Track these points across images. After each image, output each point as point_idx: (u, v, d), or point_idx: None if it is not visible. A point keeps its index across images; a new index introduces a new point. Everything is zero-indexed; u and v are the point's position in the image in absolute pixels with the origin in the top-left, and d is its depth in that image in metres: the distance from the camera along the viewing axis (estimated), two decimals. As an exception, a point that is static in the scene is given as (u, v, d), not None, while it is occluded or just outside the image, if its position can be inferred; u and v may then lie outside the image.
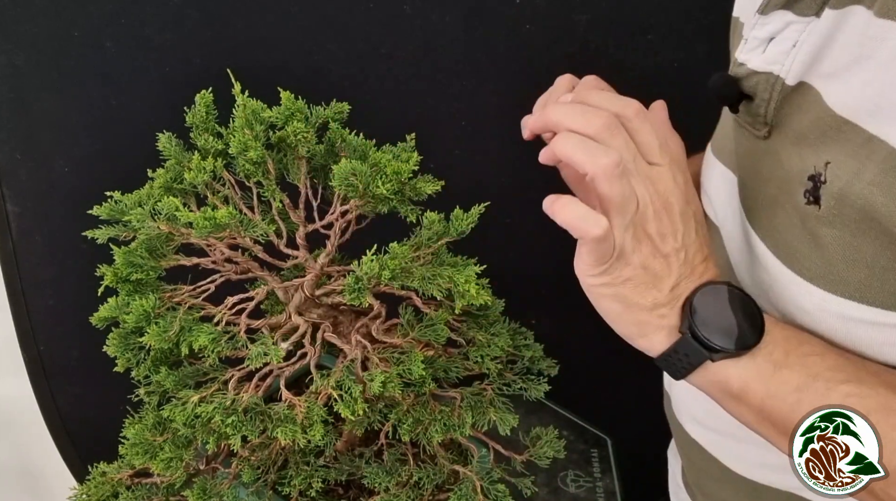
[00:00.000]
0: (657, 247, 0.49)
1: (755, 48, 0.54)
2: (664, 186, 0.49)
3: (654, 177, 0.49)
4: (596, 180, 0.47)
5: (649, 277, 0.49)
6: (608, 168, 0.46)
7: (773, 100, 0.52)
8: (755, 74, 0.54)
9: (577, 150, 0.48)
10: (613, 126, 0.48)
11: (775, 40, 0.52)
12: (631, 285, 0.49)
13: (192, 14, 0.99)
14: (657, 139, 0.50)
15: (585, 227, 0.47)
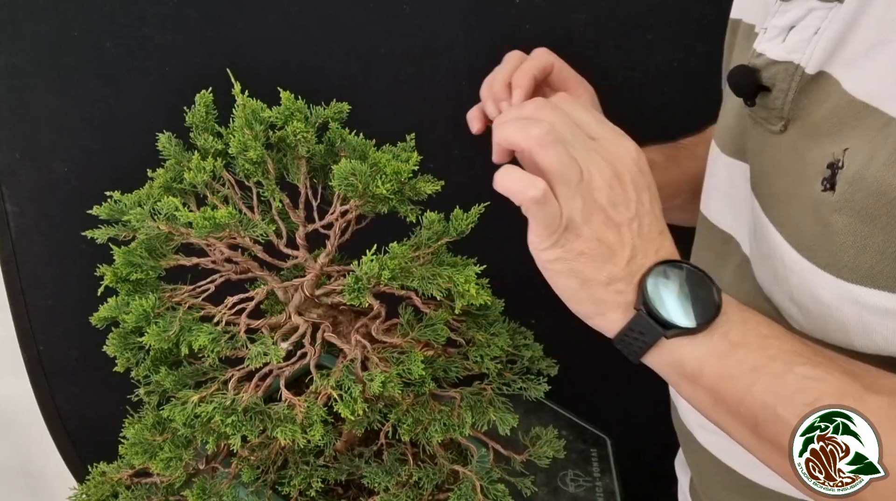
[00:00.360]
0: (609, 217, 0.48)
1: (775, 37, 0.54)
2: (611, 156, 0.49)
3: (597, 148, 0.49)
4: (531, 153, 0.47)
5: (603, 249, 0.48)
6: (540, 137, 0.47)
7: (791, 90, 0.52)
8: (774, 63, 0.53)
9: (510, 130, 0.49)
10: (544, 105, 0.50)
11: (796, 28, 0.52)
12: (585, 259, 0.48)
13: (192, 14, 0.99)
14: (592, 116, 0.50)
15: (522, 189, 0.47)
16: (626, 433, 1.04)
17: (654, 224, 0.50)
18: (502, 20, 1.00)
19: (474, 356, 0.67)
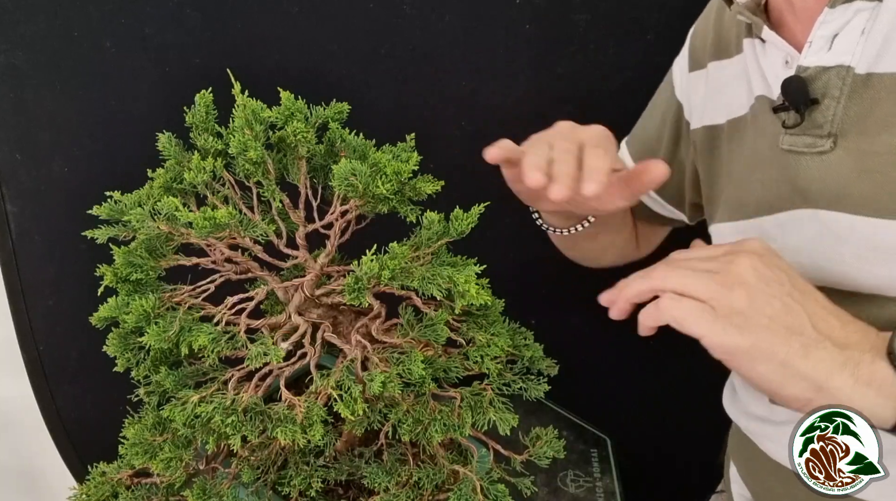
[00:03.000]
0: (767, 292, 0.49)
1: (821, 48, 0.55)
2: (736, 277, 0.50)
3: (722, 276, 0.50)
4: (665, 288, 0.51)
5: (780, 323, 0.49)
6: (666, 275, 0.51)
7: (843, 95, 0.54)
8: (825, 70, 0.55)
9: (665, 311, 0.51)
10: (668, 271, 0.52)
11: (841, 34, 0.54)
12: (771, 335, 0.48)
13: (192, 14, 0.99)
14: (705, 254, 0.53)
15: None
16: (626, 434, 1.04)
17: (818, 294, 0.51)
18: (502, 20, 1.00)
19: (474, 356, 0.67)
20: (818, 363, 0.48)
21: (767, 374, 0.48)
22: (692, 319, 0.49)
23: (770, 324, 0.48)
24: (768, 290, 0.49)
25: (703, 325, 0.48)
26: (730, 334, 0.48)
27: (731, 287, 0.49)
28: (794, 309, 0.49)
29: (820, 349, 0.48)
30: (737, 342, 0.48)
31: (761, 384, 0.49)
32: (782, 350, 0.48)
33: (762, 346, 0.48)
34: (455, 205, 0.65)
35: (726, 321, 0.48)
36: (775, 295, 0.49)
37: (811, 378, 0.48)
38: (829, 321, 0.49)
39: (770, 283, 0.49)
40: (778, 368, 0.48)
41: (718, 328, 0.48)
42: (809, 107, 0.56)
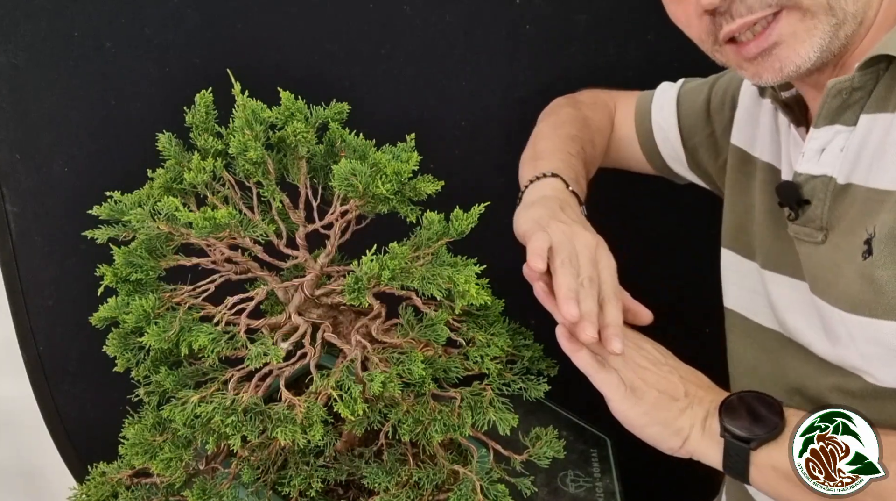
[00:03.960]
0: (656, 373, 0.66)
1: (811, 159, 0.67)
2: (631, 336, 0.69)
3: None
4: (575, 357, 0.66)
5: (664, 395, 0.65)
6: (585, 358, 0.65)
7: (827, 199, 0.65)
8: (813, 178, 0.67)
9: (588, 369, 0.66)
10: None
11: (826, 150, 0.65)
12: (657, 405, 0.64)
13: (192, 14, 0.99)
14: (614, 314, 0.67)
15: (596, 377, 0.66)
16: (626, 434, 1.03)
17: (686, 368, 0.69)
18: (502, 20, 1.00)
19: (474, 356, 0.67)
20: (685, 422, 0.64)
21: (653, 434, 0.65)
22: (610, 389, 0.65)
23: (657, 396, 0.65)
24: (655, 370, 0.66)
25: (616, 395, 0.64)
26: (631, 404, 0.64)
27: (632, 368, 0.66)
28: (673, 382, 0.66)
29: (688, 411, 0.65)
30: (635, 411, 0.64)
31: (647, 440, 0.66)
32: (663, 415, 0.64)
33: (652, 413, 0.64)
34: (455, 205, 0.65)
35: (631, 393, 0.64)
36: (660, 374, 0.66)
37: (681, 434, 0.64)
38: (692, 389, 0.66)
39: (657, 364, 0.67)
40: (661, 429, 0.64)
41: (624, 399, 0.64)
42: (802, 205, 0.68)
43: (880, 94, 0.61)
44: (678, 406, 0.65)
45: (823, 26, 0.60)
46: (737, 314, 0.83)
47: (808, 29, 0.60)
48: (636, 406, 0.64)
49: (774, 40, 0.61)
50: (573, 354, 0.64)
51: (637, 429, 0.65)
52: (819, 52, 0.61)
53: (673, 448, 0.65)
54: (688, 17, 0.67)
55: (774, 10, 0.60)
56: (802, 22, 0.60)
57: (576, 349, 0.64)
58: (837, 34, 0.61)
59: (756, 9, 0.60)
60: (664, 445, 0.65)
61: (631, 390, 0.64)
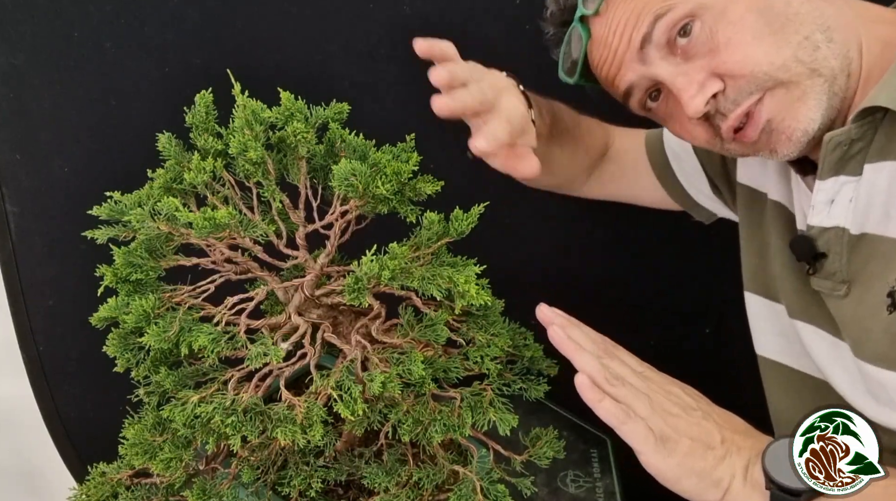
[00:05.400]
0: (688, 420, 0.59)
1: (822, 211, 0.65)
2: (659, 380, 0.63)
3: (648, 376, 0.62)
4: (606, 391, 0.61)
5: (699, 443, 0.58)
6: (610, 380, 0.61)
7: (843, 251, 0.64)
8: (825, 230, 0.65)
9: (585, 363, 0.62)
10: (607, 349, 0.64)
11: (835, 201, 0.64)
12: (691, 455, 0.58)
13: (192, 14, 0.99)
14: (632, 356, 0.64)
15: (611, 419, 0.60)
16: (626, 434, 1.04)
17: (721, 411, 0.62)
18: (502, 20, 1.00)
19: (474, 356, 0.67)
20: (724, 472, 0.58)
21: (689, 487, 0.58)
22: (638, 441, 0.59)
23: (691, 445, 0.58)
24: (686, 417, 0.60)
25: (645, 448, 0.59)
26: (663, 456, 0.58)
27: (661, 416, 0.59)
28: (707, 429, 0.59)
29: (726, 459, 0.58)
30: (668, 463, 0.58)
31: (683, 493, 0.59)
32: (699, 466, 0.58)
33: (686, 464, 0.58)
34: (455, 205, 0.65)
35: (661, 445, 0.58)
36: (693, 421, 0.60)
37: (720, 485, 0.58)
38: (729, 435, 0.60)
39: (688, 410, 0.60)
40: (697, 481, 0.58)
41: (655, 451, 0.58)
42: (820, 259, 0.66)
43: (881, 143, 0.61)
44: (715, 455, 0.58)
45: (815, 88, 0.60)
46: (771, 362, 0.80)
47: (800, 96, 0.60)
48: (669, 458, 0.58)
49: (766, 118, 0.61)
50: (596, 404, 0.60)
51: (671, 483, 0.59)
52: (821, 110, 0.60)
53: (712, 487, 0.59)
54: (688, 131, 0.68)
55: (759, 95, 0.61)
56: (789, 93, 0.60)
57: (598, 399, 0.60)
58: (833, 90, 0.61)
59: (742, 100, 0.61)
60: (703, 498, 0.59)
61: (661, 440, 0.58)
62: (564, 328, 0.63)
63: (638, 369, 0.63)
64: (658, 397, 0.61)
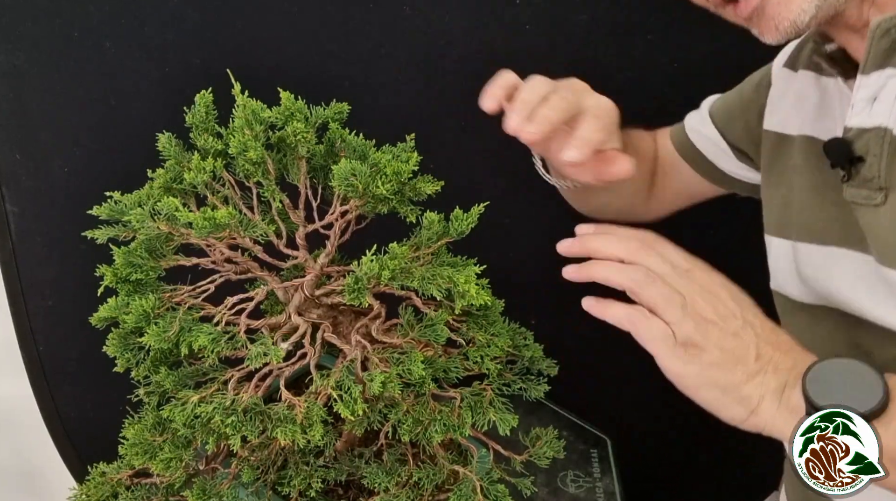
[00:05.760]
0: (723, 329, 0.54)
1: (862, 110, 0.60)
2: (704, 280, 0.56)
3: (692, 275, 0.56)
4: (635, 293, 0.55)
5: (728, 355, 0.54)
6: (640, 280, 0.55)
7: (884, 154, 0.58)
8: (865, 132, 0.59)
9: (611, 273, 0.57)
10: (639, 248, 0.57)
11: (878, 99, 0.58)
12: (717, 368, 0.53)
13: (192, 14, 0.99)
14: (679, 251, 0.58)
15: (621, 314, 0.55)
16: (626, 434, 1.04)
17: (766, 325, 0.56)
18: (502, 20, 1.00)
19: (474, 356, 0.67)
20: (754, 390, 0.53)
21: (710, 399, 0.54)
22: (655, 343, 0.54)
23: (720, 356, 0.54)
24: (723, 325, 0.54)
25: (662, 350, 0.54)
26: (683, 362, 0.54)
27: (693, 320, 0.54)
28: (743, 341, 0.54)
29: (758, 377, 0.53)
30: (688, 370, 0.54)
31: (703, 404, 0.55)
32: (724, 379, 0.53)
33: (708, 374, 0.53)
34: (455, 205, 0.65)
35: (682, 350, 0.54)
36: (728, 330, 0.54)
37: (746, 403, 0.53)
38: (768, 351, 0.55)
39: (726, 318, 0.55)
40: (719, 394, 0.54)
41: (674, 355, 0.54)
42: (856, 163, 0.60)
43: None
44: (746, 371, 0.53)
45: None
46: (785, 298, 0.76)
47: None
48: (689, 364, 0.53)
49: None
50: (605, 311, 0.56)
51: (690, 390, 0.54)
52: (815, 2, 0.56)
53: (736, 419, 0.54)
54: None
55: None
56: None
57: (605, 306, 0.56)
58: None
59: None
60: (725, 413, 0.54)
61: (683, 345, 0.54)
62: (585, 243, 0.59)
63: (684, 266, 0.57)
64: (696, 299, 0.55)
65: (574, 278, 0.59)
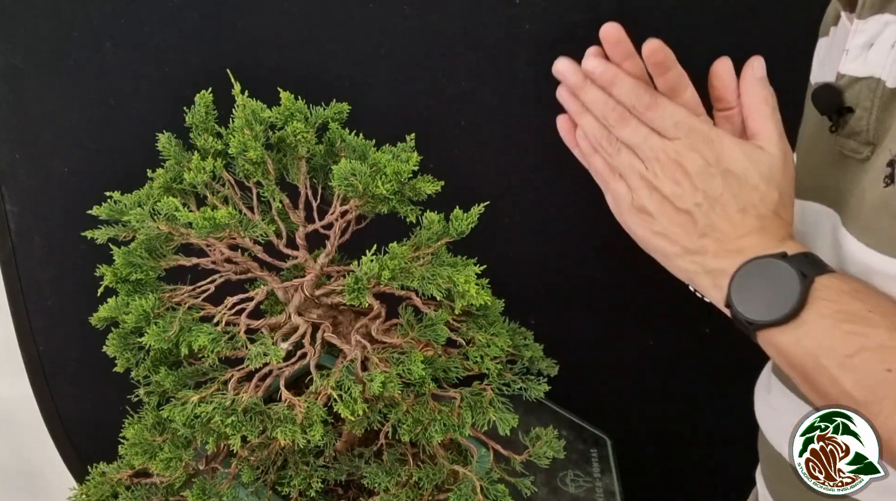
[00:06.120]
0: (675, 205, 0.56)
1: (857, 57, 0.57)
2: (676, 155, 0.56)
3: (666, 149, 0.56)
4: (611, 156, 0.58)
5: (673, 230, 0.56)
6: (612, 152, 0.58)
7: (874, 107, 0.54)
8: (857, 81, 0.56)
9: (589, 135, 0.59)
10: (624, 118, 0.58)
11: (874, 46, 0.55)
12: (661, 237, 0.57)
13: (192, 14, 0.99)
14: (671, 120, 0.56)
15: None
16: (626, 434, 1.04)
17: (730, 206, 0.55)
18: (502, 20, 1.00)
19: (474, 356, 0.67)
20: (689, 265, 0.56)
21: (656, 257, 0.58)
22: (616, 201, 0.59)
23: (666, 228, 0.57)
24: (676, 202, 0.56)
25: (621, 208, 0.59)
26: (635, 223, 0.58)
27: (649, 191, 0.57)
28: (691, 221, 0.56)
29: (696, 256, 0.56)
30: (637, 232, 0.58)
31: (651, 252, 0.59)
32: (665, 248, 0.57)
33: (653, 240, 0.57)
34: (455, 205, 0.65)
35: (636, 213, 0.58)
36: (680, 207, 0.56)
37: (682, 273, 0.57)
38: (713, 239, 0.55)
39: (681, 196, 0.56)
40: (662, 257, 0.58)
41: (629, 215, 0.58)
42: (845, 115, 0.57)
43: None
44: (684, 247, 0.56)
45: None
46: None
47: None
48: (639, 227, 0.58)
49: None
50: (588, 158, 0.58)
51: (640, 243, 0.59)
52: None
53: (676, 270, 0.58)
54: None
55: None
56: None
57: (589, 153, 0.58)
58: None
59: None
60: (670, 263, 0.57)
61: (637, 210, 0.57)
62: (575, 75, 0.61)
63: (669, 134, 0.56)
64: (658, 173, 0.56)
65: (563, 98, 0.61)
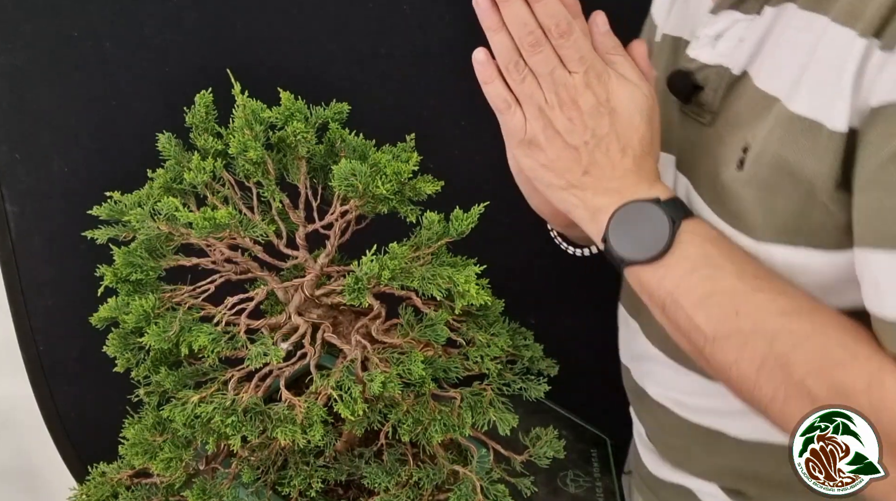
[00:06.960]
0: (565, 140, 0.58)
1: (706, 45, 0.63)
2: (574, 91, 0.57)
3: (567, 83, 0.57)
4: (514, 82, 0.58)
5: (559, 163, 0.59)
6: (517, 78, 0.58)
7: (721, 89, 0.61)
8: (706, 67, 0.62)
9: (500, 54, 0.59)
10: (539, 43, 0.57)
11: (723, 38, 0.61)
12: (546, 169, 0.59)
13: (192, 14, 0.99)
14: (578, 52, 0.57)
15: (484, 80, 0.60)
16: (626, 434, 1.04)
17: (613, 146, 0.58)
18: (502, 20, 1.00)
19: (474, 356, 0.67)
20: (570, 198, 0.59)
21: (540, 187, 0.61)
22: (508, 130, 0.60)
23: (553, 161, 0.59)
24: (567, 137, 0.58)
25: (512, 139, 0.60)
26: (523, 154, 0.60)
27: (543, 124, 0.58)
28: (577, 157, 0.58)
29: (577, 191, 0.59)
30: (524, 163, 0.60)
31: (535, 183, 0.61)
32: (549, 179, 0.59)
33: (539, 171, 0.60)
34: (455, 205, 0.65)
35: (527, 144, 0.59)
36: (569, 143, 0.58)
37: (563, 204, 0.60)
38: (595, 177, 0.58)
39: (572, 132, 0.57)
40: (544, 188, 0.60)
41: (519, 146, 0.60)
42: (696, 92, 0.63)
43: None
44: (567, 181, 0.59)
45: None
46: None
47: None
48: (527, 158, 0.60)
49: None
50: (488, 84, 0.59)
51: (527, 173, 0.61)
52: None
53: (557, 201, 0.61)
54: None
55: None
56: None
57: (489, 79, 0.59)
58: None
59: None
60: (551, 194, 0.60)
61: (528, 142, 0.59)
62: None
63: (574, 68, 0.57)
64: (556, 107, 0.57)
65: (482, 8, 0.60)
